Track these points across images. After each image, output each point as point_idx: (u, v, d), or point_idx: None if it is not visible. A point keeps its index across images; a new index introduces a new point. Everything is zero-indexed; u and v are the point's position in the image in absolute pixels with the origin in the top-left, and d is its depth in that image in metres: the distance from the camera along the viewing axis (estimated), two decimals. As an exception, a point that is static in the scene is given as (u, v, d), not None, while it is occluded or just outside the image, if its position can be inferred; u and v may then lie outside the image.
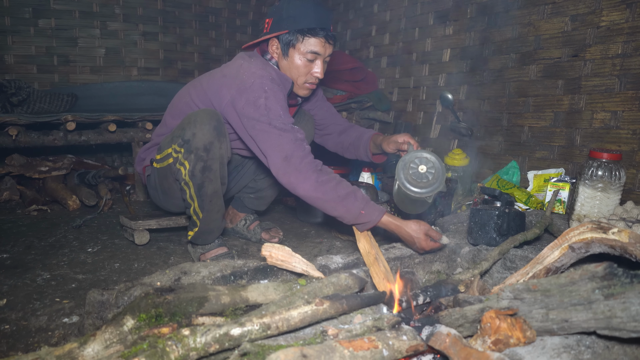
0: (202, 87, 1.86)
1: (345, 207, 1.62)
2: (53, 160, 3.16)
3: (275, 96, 1.71)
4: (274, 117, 1.67)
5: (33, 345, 1.31)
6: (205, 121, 1.71)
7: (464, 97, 3.08)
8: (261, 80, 1.73)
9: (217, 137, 1.72)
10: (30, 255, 2.04)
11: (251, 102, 1.70)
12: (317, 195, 1.63)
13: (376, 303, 1.16)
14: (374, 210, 1.63)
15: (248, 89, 1.72)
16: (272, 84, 1.74)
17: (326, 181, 1.63)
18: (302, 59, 1.80)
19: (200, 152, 1.72)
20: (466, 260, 1.74)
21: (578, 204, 1.90)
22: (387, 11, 3.72)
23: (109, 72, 4.19)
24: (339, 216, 1.65)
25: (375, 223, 1.63)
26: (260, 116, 1.68)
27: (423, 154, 1.70)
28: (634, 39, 2.18)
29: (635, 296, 0.88)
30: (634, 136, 2.18)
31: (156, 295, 1.05)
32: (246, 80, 1.74)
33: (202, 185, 1.77)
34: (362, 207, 1.62)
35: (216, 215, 1.87)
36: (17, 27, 3.82)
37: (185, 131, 1.73)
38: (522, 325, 0.97)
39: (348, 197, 1.62)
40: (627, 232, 1.20)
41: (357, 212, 1.61)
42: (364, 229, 1.65)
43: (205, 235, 1.92)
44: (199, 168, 1.74)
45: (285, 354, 0.80)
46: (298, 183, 1.64)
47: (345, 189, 1.64)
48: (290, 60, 1.81)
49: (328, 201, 1.63)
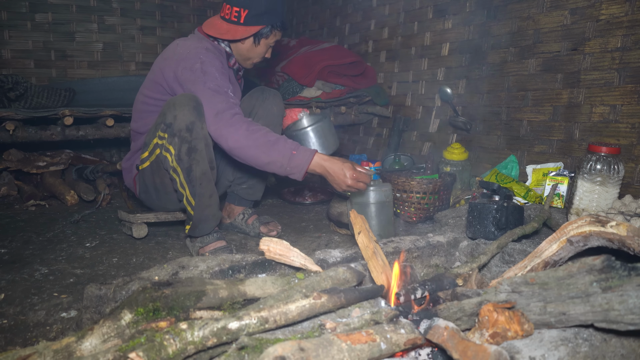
0: (150, 79, 2.00)
1: (277, 150, 1.69)
2: (51, 155, 3.15)
3: (211, 62, 1.86)
4: (210, 80, 1.81)
5: (31, 340, 1.31)
6: (185, 102, 1.77)
7: (463, 91, 3.07)
8: (196, 50, 1.88)
9: (197, 117, 1.76)
10: (29, 250, 2.03)
11: (188, 68, 1.84)
12: (249, 143, 1.71)
13: (374, 297, 1.16)
14: (306, 150, 1.71)
15: (184, 59, 1.86)
16: (207, 52, 1.89)
17: (256, 130, 1.73)
18: (267, 46, 2.05)
19: (183, 133, 1.76)
20: (464, 254, 1.74)
21: (576, 198, 1.90)
22: (386, 5, 3.70)
23: (106, 67, 4.18)
24: (272, 161, 1.71)
25: (309, 163, 1.69)
26: (196, 78, 1.81)
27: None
28: (634, 32, 2.17)
29: (632, 289, 0.88)
30: (633, 130, 2.18)
31: (154, 290, 1.04)
32: (182, 52, 1.89)
33: (190, 168, 1.80)
34: (293, 147, 1.71)
35: (208, 200, 1.87)
36: (14, 22, 3.80)
37: (167, 116, 1.79)
38: (520, 318, 0.97)
39: (279, 141, 1.71)
40: (626, 226, 1.20)
41: (289, 152, 1.69)
42: (299, 173, 1.71)
43: (201, 224, 1.92)
44: (184, 150, 1.77)
45: (283, 348, 0.80)
46: (229, 134, 1.73)
47: (275, 135, 1.74)
48: (258, 47, 2.03)
49: (259, 146, 1.70)
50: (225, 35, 1.97)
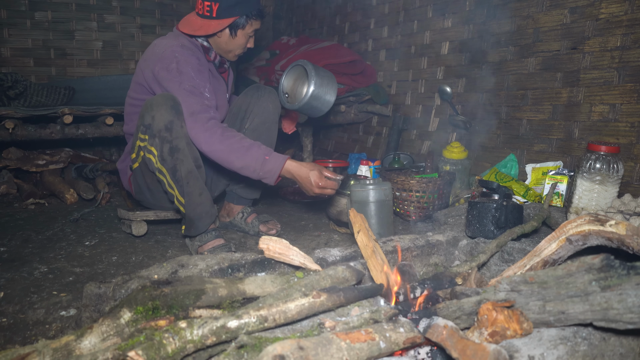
0: (134, 81, 2.03)
1: (251, 156, 1.74)
2: (50, 154, 3.15)
3: (186, 60, 1.86)
4: (185, 79, 1.82)
5: (30, 338, 1.31)
6: (162, 102, 1.78)
7: (462, 90, 3.07)
8: (172, 48, 1.87)
9: (176, 115, 1.77)
10: (28, 248, 2.03)
11: (164, 68, 1.85)
12: (223, 148, 1.76)
13: (373, 295, 1.16)
14: (278, 156, 1.77)
15: (161, 59, 1.87)
16: (182, 50, 1.88)
17: (231, 135, 1.77)
18: (246, 37, 2.01)
19: (163, 133, 1.77)
20: (464, 252, 1.74)
21: (576, 197, 1.90)
22: (385, 4, 3.70)
23: (106, 66, 4.17)
24: (245, 166, 1.76)
25: (280, 168, 1.75)
26: (172, 78, 1.82)
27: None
28: (633, 31, 2.17)
29: (631, 288, 0.88)
30: (632, 129, 2.18)
31: (153, 288, 1.05)
32: (158, 52, 1.89)
33: (175, 168, 1.81)
34: (266, 153, 1.76)
35: (199, 198, 1.88)
36: (14, 20, 3.80)
37: (145, 117, 1.80)
38: (519, 317, 0.97)
39: (252, 146, 1.76)
40: (625, 225, 1.20)
41: (262, 158, 1.74)
42: (272, 178, 1.76)
43: (195, 223, 1.92)
44: (166, 151, 1.78)
45: (282, 346, 0.80)
46: (205, 138, 1.77)
47: (249, 141, 1.78)
48: (236, 39, 2.00)
49: (233, 151, 1.76)
50: (198, 32, 1.96)
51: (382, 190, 1.98)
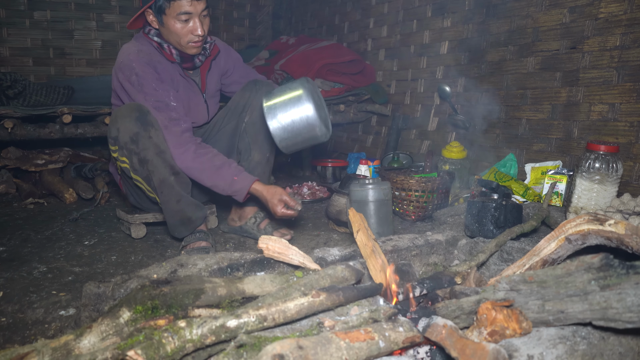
0: (112, 88, 1.99)
1: (221, 176, 1.77)
2: (49, 153, 3.14)
3: (144, 71, 1.80)
4: (148, 94, 1.79)
5: (30, 338, 1.31)
6: (126, 114, 1.76)
7: (462, 89, 3.07)
8: (129, 57, 1.82)
9: (142, 127, 1.74)
10: (27, 248, 2.03)
11: (127, 79, 1.82)
12: (195, 166, 1.79)
13: (373, 295, 1.16)
14: (247, 177, 1.79)
15: (121, 68, 1.83)
16: (139, 57, 1.81)
17: (204, 153, 1.79)
18: (177, 22, 1.82)
19: (129, 145, 1.76)
20: (463, 252, 1.74)
21: (575, 196, 1.90)
22: (385, 3, 3.70)
23: (105, 65, 4.16)
24: (215, 185, 1.80)
25: (248, 188, 1.78)
26: (137, 92, 1.81)
27: None
28: (632, 30, 2.17)
29: (630, 287, 0.88)
30: (632, 128, 2.18)
31: (152, 288, 1.04)
32: (119, 60, 1.85)
33: (149, 177, 1.81)
34: (235, 174, 1.78)
35: (176, 206, 1.86)
36: (12, 19, 3.79)
37: (111, 129, 1.81)
38: (518, 316, 0.97)
39: (223, 166, 1.78)
40: (624, 224, 1.20)
41: (230, 179, 1.77)
42: (240, 196, 1.80)
43: (176, 228, 1.93)
44: (136, 162, 1.79)
45: (282, 346, 0.80)
46: (178, 154, 1.79)
47: (221, 159, 1.80)
48: (167, 26, 1.84)
49: (204, 170, 1.78)
50: (135, 25, 1.92)
51: (382, 189, 1.98)
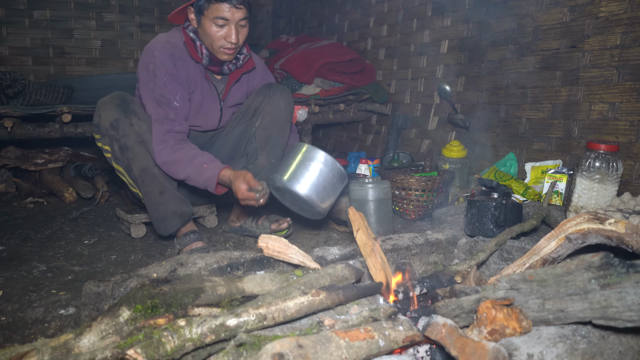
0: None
1: (193, 166, 1.74)
2: (49, 153, 3.14)
3: (162, 63, 1.78)
4: (157, 86, 1.77)
5: (29, 337, 1.31)
6: (107, 101, 1.78)
7: (461, 88, 3.07)
8: (155, 45, 1.81)
9: (122, 113, 1.76)
10: (27, 247, 2.03)
11: (144, 66, 1.80)
12: (170, 160, 1.76)
13: (373, 294, 1.16)
14: (217, 165, 1.75)
15: (145, 53, 1.82)
16: (164, 47, 1.80)
17: (180, 147, 1.77)
18: (213, 25, 1.79)
19: (109, 131, 1.77)
20: (463, 251, 1.74)
21: (575, 196, 1.90)
22: (384, 2, 3.69)
23: (105, 64, 4.17)
24: (188, 176, 1.76)
25: (217, 175, 1.73)
26: (147, 81, 1.79)
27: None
28: (633, 29, 2.17)
29: (631, 286, 0.88)
30: (632, 127, 2.18)
31: (152, 287, 1.04)
32: (147, 45, 1.84)
33: (129, 167, 1.80)
34: (206, 162, 1.75)
35: (159, 197, 1.85)
36: (12, 19, 3.79)
37: (95, 117, 1.82)
38: (518, 315, 0.97)
39: (196, 156, 1.76)
40: (624, 223, 1.20)
41: (201, 167, 1.73)
42: (212, 186, 1.75)
43: (161, 222, 1.90)
44: (117, 149, 1.79)
45: (281, 344, 0.80)
46: (158, 150, 1.77)
47: (196, 151, 1.78)
48: (203, 27, 1.82)
49: (178, 162, 1.75)
50: (172, 19, 1.90)
51: (381, 188, 1.98)
